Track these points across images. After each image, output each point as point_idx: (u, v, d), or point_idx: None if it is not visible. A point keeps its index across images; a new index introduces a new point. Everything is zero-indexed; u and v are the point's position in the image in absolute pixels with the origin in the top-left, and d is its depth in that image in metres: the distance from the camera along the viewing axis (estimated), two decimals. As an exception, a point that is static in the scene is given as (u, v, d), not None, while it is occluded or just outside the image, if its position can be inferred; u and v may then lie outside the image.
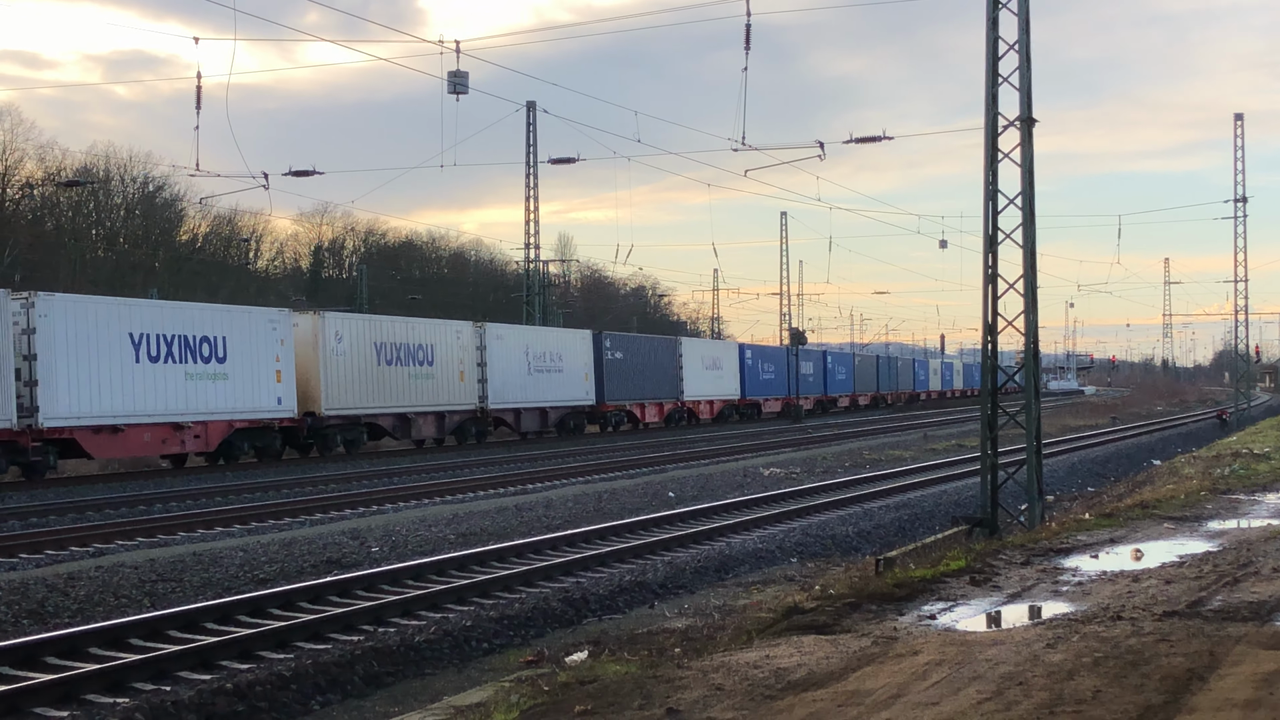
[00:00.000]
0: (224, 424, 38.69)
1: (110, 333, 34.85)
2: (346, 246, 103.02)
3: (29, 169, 72.68)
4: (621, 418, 63.16)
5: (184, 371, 36.99)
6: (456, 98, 43.50)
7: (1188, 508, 21.07)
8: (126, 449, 36.02)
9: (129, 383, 35.29)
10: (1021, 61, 21.04)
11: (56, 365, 33.24)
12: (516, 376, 53.39)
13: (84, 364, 34.00)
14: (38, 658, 12.88)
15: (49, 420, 33.14)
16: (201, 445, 38.27)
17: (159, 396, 36.21)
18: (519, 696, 10.36)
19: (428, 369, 47.51)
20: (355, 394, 43.98)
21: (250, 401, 39.36)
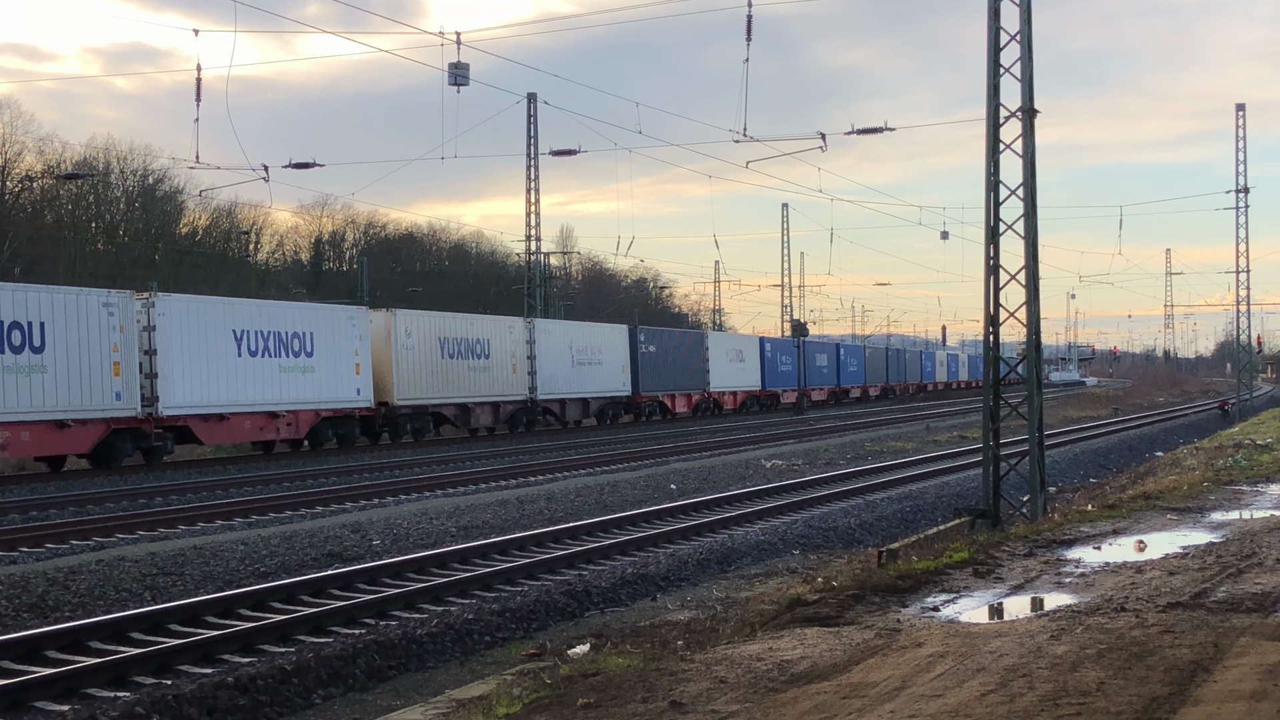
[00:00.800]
0: (312, 413, 42.18)
1: (216, 329, 38.34)
2: (347, 239, 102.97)
3: (29, 162, 72.63)
4: (654, 408, 66.11)
5: (278, 365, 40.55)
6: (457, 89, 43.45)
7: (1190, 499, 21.03)
8: (231, 435, 39.56)
9: (232, 375, 38.72)
10: (1023, 52, 20.99)
11: (172, 359, 36.71)
12: (562, 369, 56.76)
13: (195, 358, 37.43)
14: (39, 652, 12.87)
15: (167, 409, 36.50)
16: (293, 432, 41.67)
17: (257, 387, 39.67)
18: (521, 689, 10.34)
19: (485, 362, 51.15)
20: (423, 385, 47.50)
21: (334, 392, 42.84)
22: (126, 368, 35.05)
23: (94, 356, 34.29)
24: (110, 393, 34.67)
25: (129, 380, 35.19)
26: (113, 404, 34.80)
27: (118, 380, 34.82)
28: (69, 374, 33.65)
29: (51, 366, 33.24)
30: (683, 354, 68.95)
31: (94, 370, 34.25)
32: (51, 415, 33.31)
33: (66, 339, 33.60)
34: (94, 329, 34.33)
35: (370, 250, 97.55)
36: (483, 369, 51.02)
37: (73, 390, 33.75)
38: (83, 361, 34.02)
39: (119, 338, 34.90)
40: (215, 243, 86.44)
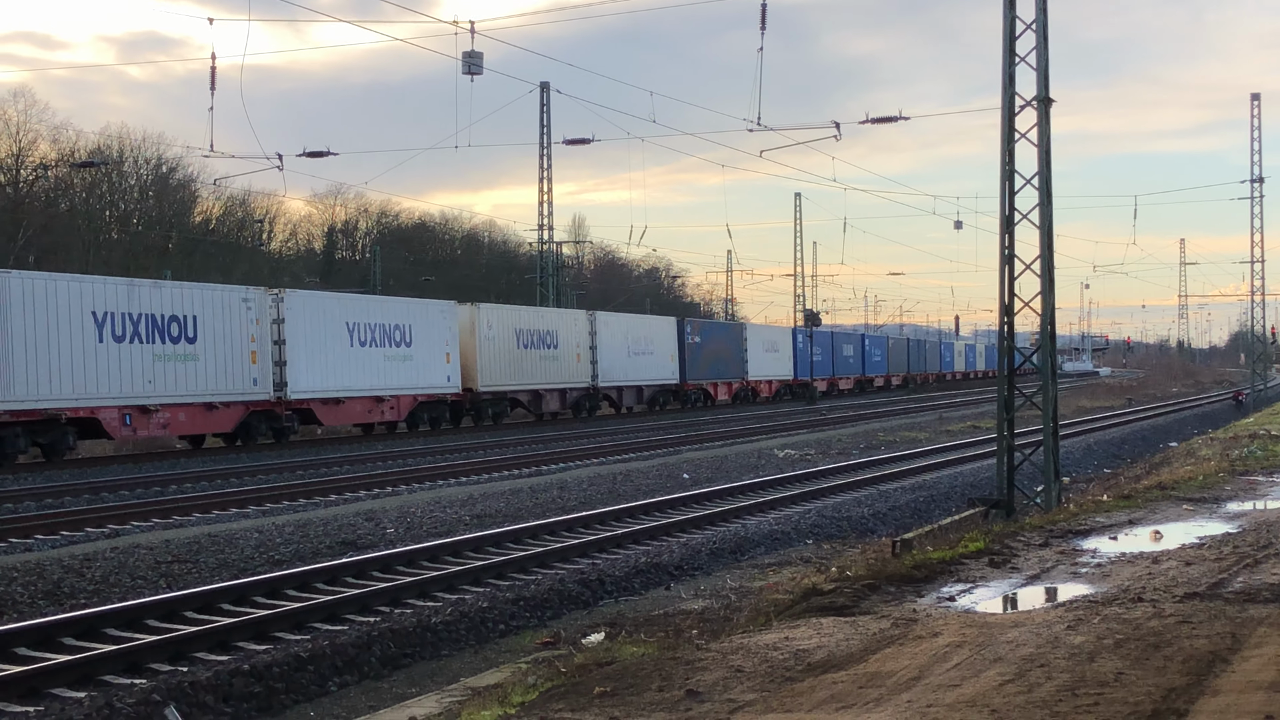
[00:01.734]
0: (411, 398, 46.67)
1: (333, 322, 42.65)
2: (360, 228, 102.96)
3: (43, 150, 72.70)
4: (699, 395, 69.61)
5: (383, 354, 44.94)
6: (471, 78, 43.41)
7: (1206, 489, 20.99)
8: (345, 417, 44.01)
9: (346, 363, 43.10)
10: (1039, 41, 20.93)
11: (298, 349, 40.90)
12: (620, 359, 60.84)
13: (315, 348, 41.66)
14: (55, 639, 12.89)
15: (294, 393, 40.87)
16: (395, 415, 46.04)
17: (366, 374, 44.10)
18: (536, 678, 10.33)
19: (554, 352, 55.44)
20: (502, 373, 51.96)
21: (429, 379, 47.39)
22: (261, 356, 39.58)
23: (236, 346, 38.62)
24: (249, 379, 39.06)
25: (264, 367, 39.63)
26: (250, 389, 39.19)
27: (254, 367, 39.25)
28: (216, 362, 37.96)
29: (203, 355, 37.51)
30: (724, 345, 72.48)
31: (236, 358, 38.61)
32: (203, 398, 37.65)
33: (214, 330, 37.86)
34: (236, 322, 38.64)
35: (383, 239, 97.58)
36: (552, 358, 55.20)
37: (219, 376, 38.07)
38: (227, 351, 38.34)
39: (255, 329, 39.30)
40: (229, 231, 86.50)
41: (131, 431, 36.05)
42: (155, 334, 36.06)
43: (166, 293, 37.02)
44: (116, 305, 35.13)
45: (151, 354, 35.95)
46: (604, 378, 59.19)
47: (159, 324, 36.23)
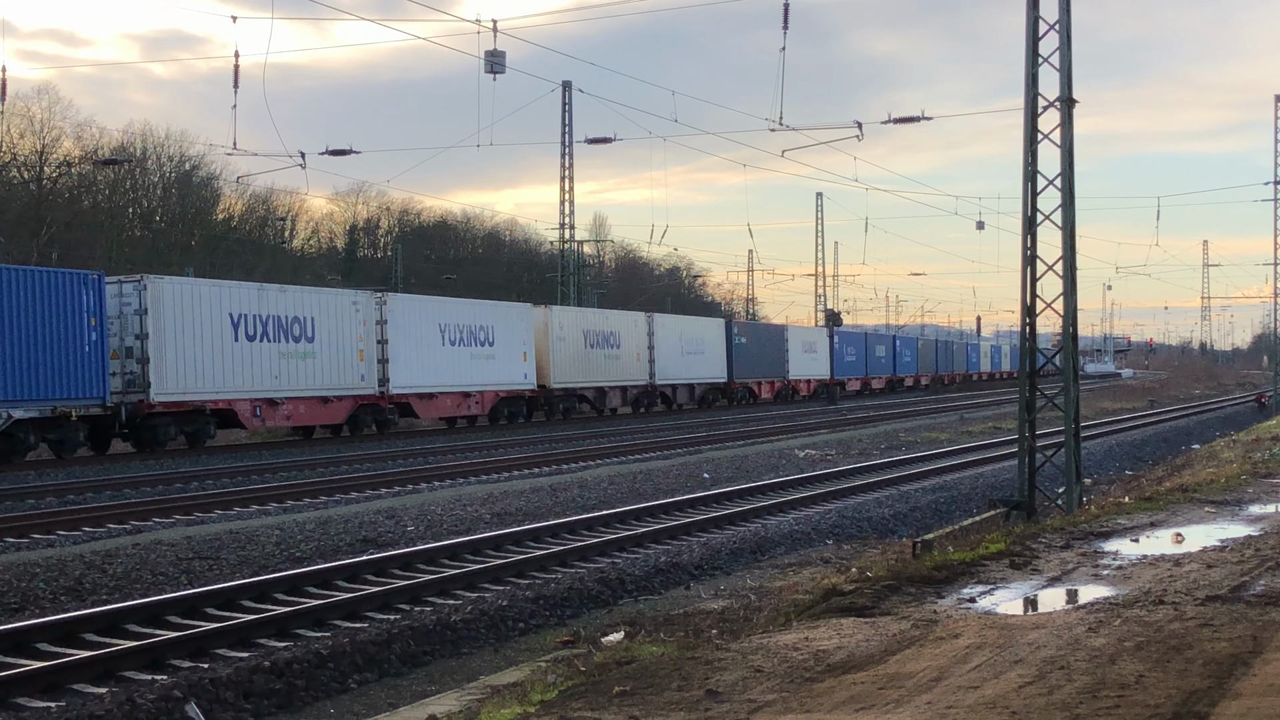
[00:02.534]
0: (493, 394, 50.67)
1: (428, 323, 46.53)
2: (381, 226, 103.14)
3: (66, 147, 73.01)
4: (745, 393, 72.91)
5: (470, 353, 48.78)
6: (493, 77, 43.44)
7: (1228, 491, 20.91)
8: (438, 410, 48.05)
9: (439, 361, 46.93)
10: (1062, 41, 20.87)
11: (398, 348, 44.57)
12: (674, 358, 64.27)
13: (413, 347, 45.45)
14: (76, 634, 12.94)
15: (395, 388, 44.69)
16: (479, 409, 50.18)
17: (455, 371, 47.99)
18: (556, 677, 10.34)
19: (616, 351, 59.07)
20: (572, 371, 55.90)
21: (509, 377, 51.27)
22: (368, 354, 43.37)
23: (347, 345, 42.41)
24: (357, 375, 42.92)
25: (369, 365, 43.45)
26: (358, 384, 43.02)
27: (362, 365, 43.06)
28: (331, 359, 41.67)
29: (319, 353, 41.15)
30: (768, 346, 75.83)
31: (346, 356, 42.36)
32: (319, 392, 41.42)
33: (329, 331, 41.55)
34: (346, 323, 42.35)
35: (404, 237, 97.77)
36: (615, 357, 58.94)
37: (333, 372, 41.84)
38: (339, 349, 42.05)
39: (363, 330, 43.14)
40: (251, 229, 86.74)
41: (260, 422, 39.86)
42: (281, 334, 39.80)
43: (289, 296, 40.73)
44: (249, 307, 38.74)
45: (277, 352, 39.63)
46: (660, 376, 62.76)
47: (284, 325, 39.89)
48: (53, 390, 32.59)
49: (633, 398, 61.15)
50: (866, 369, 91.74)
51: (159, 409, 35.88)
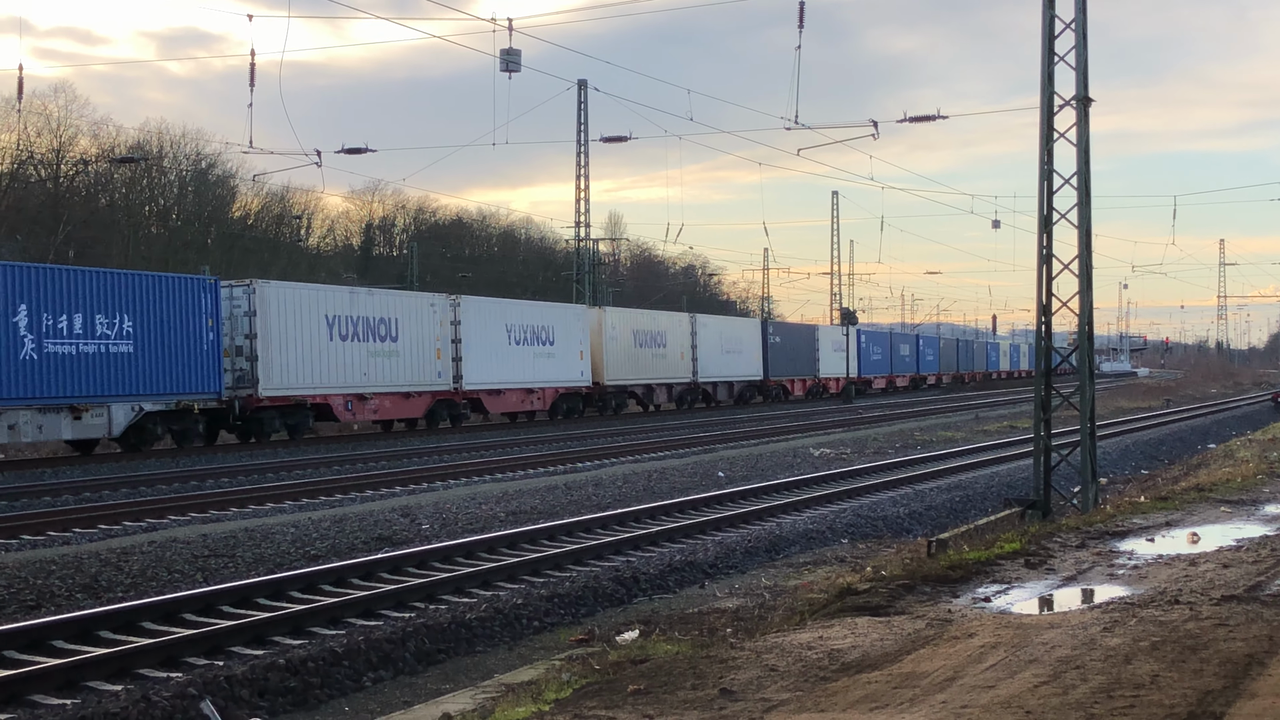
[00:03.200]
0: (554, 390, 53.98)
1: (495, 324, 49.91)
2: (397, 224, 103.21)
3: (83, 145, 73.10)
4: (779, 390, 76.11)
5: (532, 352, 52.01)
6: (509, 75, 43.50)
7: (1244, 491, 20.87)
8: (505, 405, 51.39)
9: (505, 359, 50.22)
10: (1078, 40, 20.84)
11: (470, 347, 47.98)
12: (715, 357, 67.12)
13: (483, 346, 48.76)
14: (92, 632, 12.97)
15: (468, 385, 48.07)
16: (541, 405, 53.47)
17: (520, 369, 51.21)
18: (570, 675, 10.35)
19: (663, 350, 62.11)
20: (623, 369, 59.00)
21: (568, 374, 54.57)
22: (444, 353, 46.66)
23: (426, 344, 45.58)
24: (434, 372, 46.11)
25: (445, 363, 46.79)
26: (435, 380, 46.23)
27: (438, 362, 46.36)
28: (411, 357, 44.79)
29: (402, 352, 44.35)
30: (800, 345, 79.00)
31: (425, 354, 45.54)
32: (402, 388, 44.59)
33: (410, 331, 44.76)
34: (425, 323, 45.57)
35: (420, 236, 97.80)
36: (661, 356, 62.01)
37: (414, 369, 45.01)
38: (419, 348, 45.19)
39: (439, 330, 46.40)
40: (267, 227, 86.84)
41: (351, 415, 42.86)
42: (369, 334, 42.89)
43: (376, 299, 44.16)
44: (341, 309, 41.91)
45: (366, 351, 42.70)
46: (703, 374, 65.82)
47: (371, 325, 43.01)
48: (176, 386, 35.86)
49: (677, 394, 64.40)
50: (891, 367, 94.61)
51: (265, 403, 39.07)
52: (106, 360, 33.80)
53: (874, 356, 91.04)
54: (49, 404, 32.52)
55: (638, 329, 60.40)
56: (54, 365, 32.56)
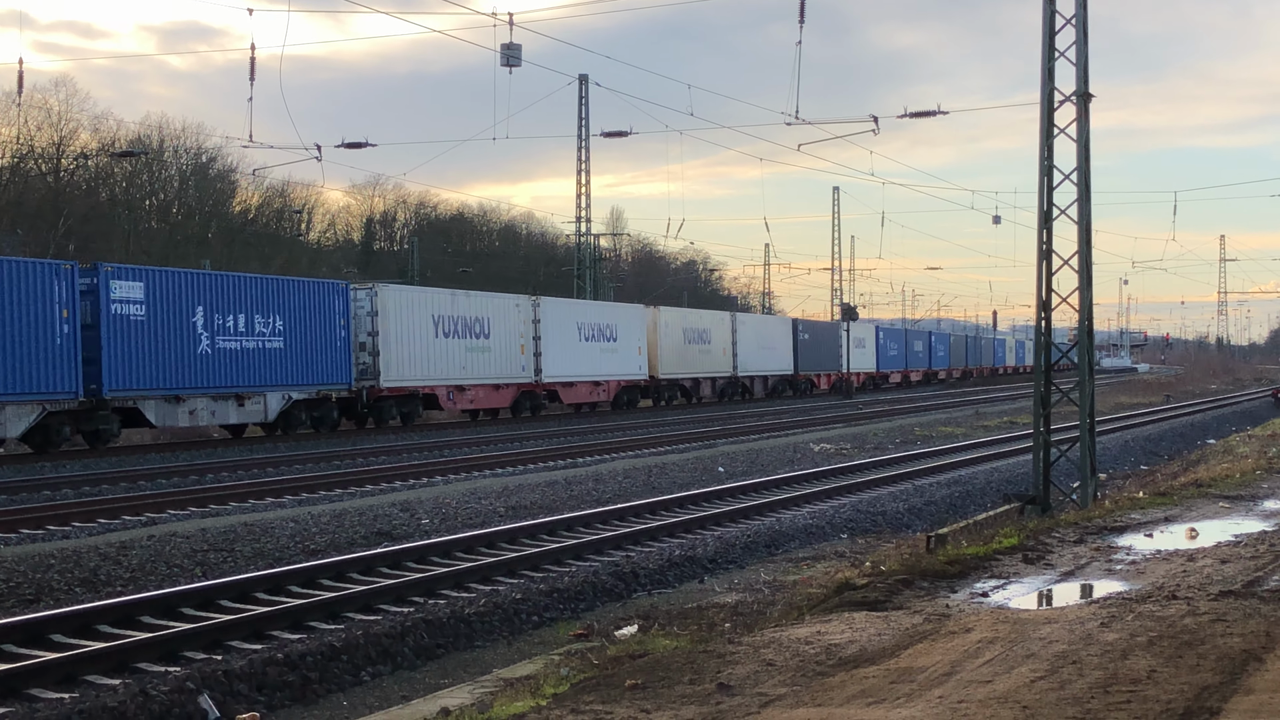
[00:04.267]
0: (616, 383, 58.89)
1: (568, 323, 54.72)
2: (398, 219, 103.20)
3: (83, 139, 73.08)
4: (808, 384, 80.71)
5: (599, 348, 56.84)
6: (509, 70, 43.48)
7: (1243, 487, 20.87)
8: (577, 396, 55.93)
9: (576, 355, 55.03)
10: (1078, 36, 20.82)
11: (548, 343, 52.75)
12: (753, 353, 71.67)
13: (558, 342, 53.54)
14: (91, 626, 12.97)
15: (547, 378, 52.91)
16: (606, 396, 58.37)
17: (588, 363, 55.96)
18: (569, 670, 10.37)
19: (708, 347, 66.69)
20: (675, 363, 63.54)
21: (628, 368, 59.36)
22: (527, 349, 51.60)
23: (512, 341, 50.49)
24: (519, 366, 51.12)
25: (528, 358, 51.73)
26: (519, 374, 51.23)
27: (523, 357, 51.38)
28: (501, 353, 49.76)
29: (494, 348, 49.20)
30: (826, 341, 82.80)
31: (512, 350, 50.55)
32: (493, 380, 49.75)
33: (500, 329, 49.66)
34: (512, 322, 50.52)
35: (421, 230, 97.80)
36: (706, 352, 66.59)
37: (503, 364, 50.06)
38: (507, 344, 50.16)
39: (523, 328, 51.28)
40: (268, 221, 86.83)
41: (452, 404, 47.99)
42: (466, 331, 47.69)
43: (472, 300, 49.04)
44: (444, 310, 46.81)
45: (464, 347, 47.53)
46: (742, 369, 70.17)
47: (468, 324, 47.83)
48: (317, 377, 41.03)
49: (720, 388, 69.11)
50: (906, 362, 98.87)
51: (385, 393, 44.05)
52: (263, 355, 39.01)
53: (891, 352, 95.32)
54: (220, 393, 37.69)
55: (686, 327, 65.22)
56: (224, 359, 37.68)
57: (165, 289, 35.89)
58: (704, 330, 66.59)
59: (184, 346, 36.27)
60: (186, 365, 36.34)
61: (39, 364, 32.48)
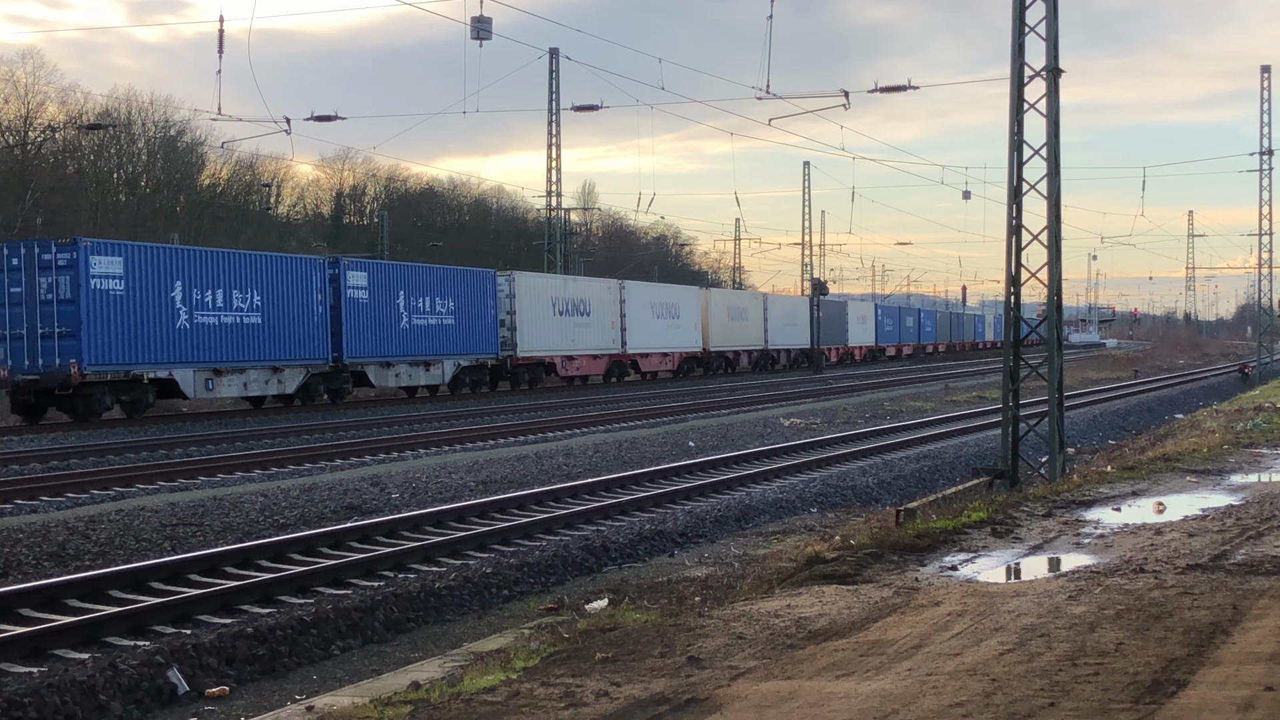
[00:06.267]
0: (680, 355, 69.03)
1: (644, 303, 64.53)
2: (368, 193, 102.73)
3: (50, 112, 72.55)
4: (822, 358, 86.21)
5: (666, 324, 66.70)
6: (480, 44, 43.31)
7: (1210, 461, 20.99)
8: (651, 366, 65.98)
9: (650, 330, 64.90)
10: (1048, 11, 20.84)
11: (630, 320, 62.94)
12: (779, 328, 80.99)
13: (637, 319, 63.46)
14: (59, 600, 12.93)
15: (630, 349, 63.50)
16: (671, 366, 68.22)
17: (659, 337, 66.04)
18: (539, 643, 10.36)
19: (745, 323, 76.56)
20: (721, 338, 73.07)
21: (689, 342, 69.42)
22: (615, 325, 61.66)
23: (605, 318, 60.77)
24: (610, 339, 61.39)
25: (616, 333, 61.83)
26: (610, 346, 61.55)
27: (612, 332, 61.49)
28: (598, 328, 60.10)
29: (593, 324, 59.55)
30: (835, 318, 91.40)
31: (605, 326, 60.81)
32: (593, 352, 60.22)
33: (598, 308, 60.05)
34: (605, 302, 60.93)
35: (391, 204, 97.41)
36: (745, 328, 76.36)
37: (599, 337, 60.42)
38: (603, 321, 60.49)
39: (613, 307, 61.39)
40: (237, 195, 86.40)
41: (564, 371, 58.23)
42: (574, 310, 58.00)
43: (579, 284, 60.66)
44: (558, 292, 57.36)
45: (573, 324, 57.92)
46: (770, 343, 79.81)
47: (575, 304, 58.17)
48: (476, 348, 51.27)
49: (754, 360, 79.14)
50: (899, 337, 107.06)
51: (521, 361, 54.44)
52: (441, 330, 48.93)
53: (887, 327, 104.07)
54: (415, 359, 47.79)
55: (729, 306, 75.33)
56: (418, 333, 47.61)
57: (381, 280, 45.92)
58: (742, 308, 77.13)
59: (393, 323, 46.18)
60: (394, 339, 46.28)
61: (305, 338, 42.23)
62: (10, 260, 35.25)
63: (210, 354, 38.66)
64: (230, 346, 39.30)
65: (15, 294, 35.09)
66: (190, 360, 38.05)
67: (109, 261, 35.79)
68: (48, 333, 34.86)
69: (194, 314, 38.08)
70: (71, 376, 34.62)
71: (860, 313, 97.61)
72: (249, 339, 39.99)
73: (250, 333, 40.08)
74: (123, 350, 36.07)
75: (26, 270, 35.15)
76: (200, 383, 38.60)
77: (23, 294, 35.06)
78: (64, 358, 34.69)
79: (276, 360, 41.13)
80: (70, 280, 34.85)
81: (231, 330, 39.39)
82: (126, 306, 36.09)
